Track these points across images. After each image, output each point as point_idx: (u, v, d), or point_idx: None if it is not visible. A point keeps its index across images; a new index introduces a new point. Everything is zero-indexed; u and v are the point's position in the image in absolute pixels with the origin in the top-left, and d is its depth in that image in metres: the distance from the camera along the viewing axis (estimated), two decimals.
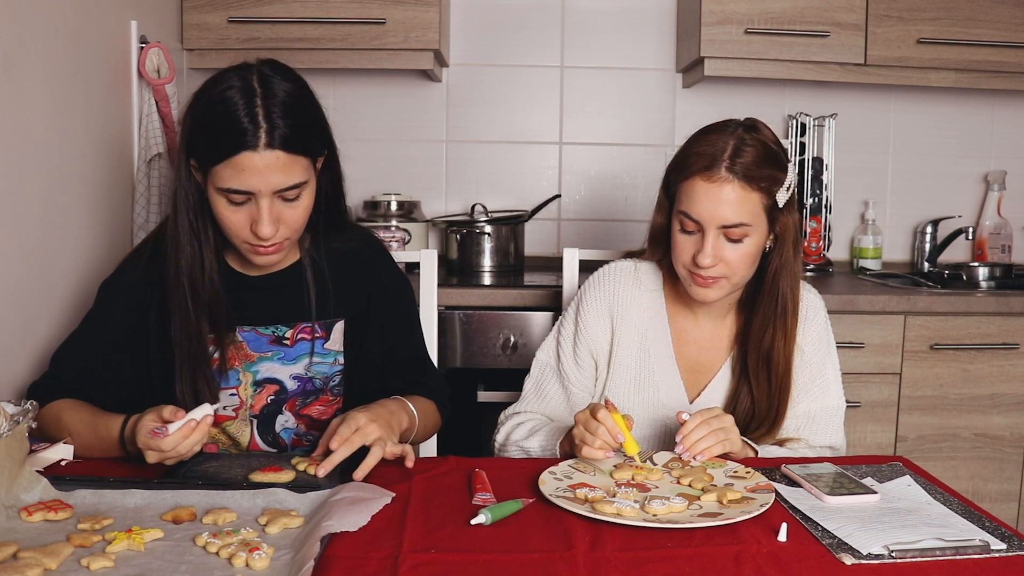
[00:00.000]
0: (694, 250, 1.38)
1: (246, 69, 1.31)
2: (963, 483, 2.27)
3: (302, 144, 1.29)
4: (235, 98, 1.26)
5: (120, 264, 1.48)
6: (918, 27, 2.40)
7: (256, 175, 1.26)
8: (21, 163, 1.55)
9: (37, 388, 1.38)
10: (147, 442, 1.18)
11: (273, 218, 1.29)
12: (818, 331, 1.50)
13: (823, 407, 1.49)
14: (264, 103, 1.26)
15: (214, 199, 1.30)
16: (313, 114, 1.34)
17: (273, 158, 1.26)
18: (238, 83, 1.28)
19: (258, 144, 1.25)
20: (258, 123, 1.25)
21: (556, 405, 1.55)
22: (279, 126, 1.26)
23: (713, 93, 2.75)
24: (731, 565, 0.97)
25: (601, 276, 1.55)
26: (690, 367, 1.51)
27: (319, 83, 2.67)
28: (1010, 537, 1.03)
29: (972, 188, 2.85)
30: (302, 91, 1.34)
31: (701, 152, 1.37)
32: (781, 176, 1.38)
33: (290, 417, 1.47)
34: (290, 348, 1.45)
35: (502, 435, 1.53)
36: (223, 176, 1.27)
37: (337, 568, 0.94)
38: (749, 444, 1.39)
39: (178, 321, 1.37)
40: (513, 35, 2.74)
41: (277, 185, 1.28)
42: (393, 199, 2.52)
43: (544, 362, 1.58)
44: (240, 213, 1.30)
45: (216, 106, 1.27)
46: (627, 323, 1.51)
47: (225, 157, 1.25)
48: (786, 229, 1.42)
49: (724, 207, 1.34)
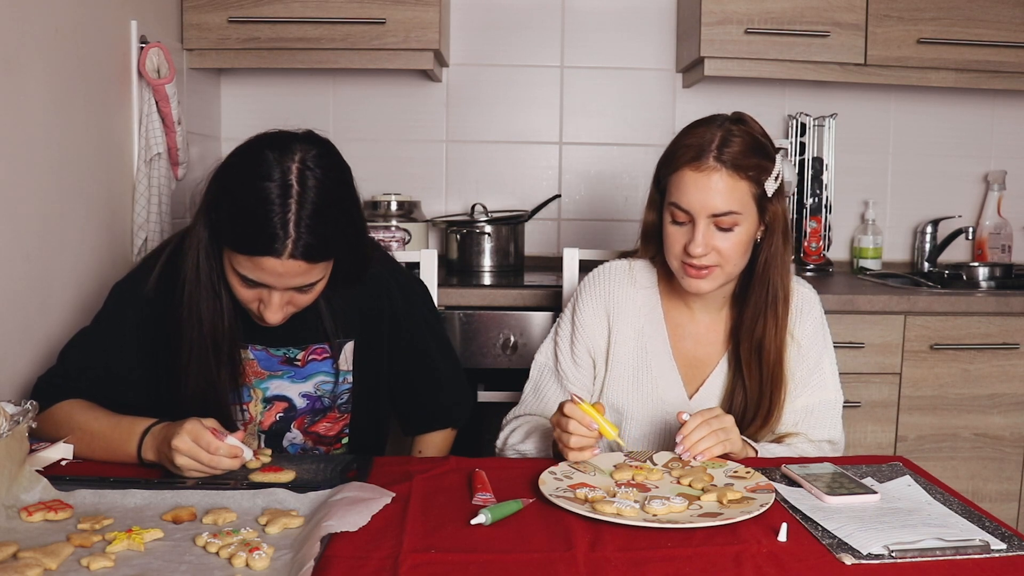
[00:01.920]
0: (685, 240, 1.39)
1: (287, 153, 1.25)
2: (963, 483, 2.27)
3: (326, 253, 1.27)
4: (271, 196, 1.21)
5: (133, 269, 1.47)
6: (918, 27, 2.40)
7: (275, 277, 1.25)
8: (21, 163, 1.55)
9: (44, 385, 1.38)
10: (187, 445, 1.16)
11: (282, 305, 1.29)
12: (814, 325, 1.51)
13: (821, 401, 1.50)
14: (297, 209, 1.22)
15: (228, 268, 1.29)
16: (345, 218, 1.29)
17: (294, 266, 1.24)
18: (277, 176, 1.22)
19: (283, 253, 1.22)
20: (287, 232, 1.21)
21: (555, 406, 1.54)
22: (304, 236, 1.22)
23: (713, 93, 2.74)
24: (731, 565, 0.97)
25: (596, 276, 1.56)
26: (687, 362, 1.52)
27: (319, 83, 2.73)
28: (1010, 537, 1.03)
29: (972, 188, 2.85)
30: (339, 190, 1.29)
31: (689, 144, 1.39)
32: (769, 165, 1.40)
33: (298, 434, 1.48)
34: (300, 368, 1.46)
35: (500, 439, 1.55)
36: (242, 264, 1.25)
37: (337, 568, 0.94)
38: (749, 443, 1.39)
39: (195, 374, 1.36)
40: (513, 35, 2.74)
41: (293, 285, 1.27)
42: (393, 199, 2.52)
43: (542, 364, 1.59)
44: (251, 291, 1.29)
45: (249, 196, 1.23)
46: (623, 321, 1.52)
47: (247, 253, 1.23)
48: (775, 219, 1.43)
49: (713, 196, 1.36)
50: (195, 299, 1.33)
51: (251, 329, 1.41)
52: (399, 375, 1.54)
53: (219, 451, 1.17)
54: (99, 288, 1.79)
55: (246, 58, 2.38)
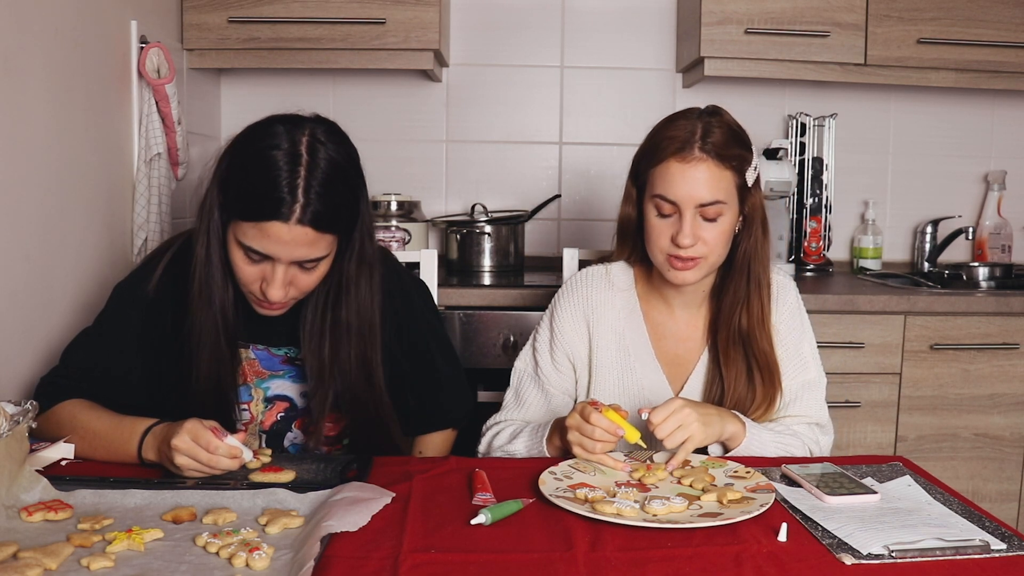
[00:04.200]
0: (671, 232, 1.39)
1: (298, 128, 1.27)
2: (963, 483, 2.27)
3: (333, 224, 1.27)
4: (279, 162, 1.23)
5: (135, 270, 1.47)
6: (918, 27, 2.40)
7: (280, 245, 1.25)
8: (21, 163, 1.55)
9: (46, 385, 1.38)
10: (186, 444, 1.16)
11: (285, 283, 1.29)
12: (790, 310, 1.52)
13: (803, 382, 1.50)
14: (307, 175, 1.23)
15: (232, 246, 1.29)
16: (352, 195, 1.31)
17: (301, 233, 1.24)
18: (286, 144, 1.24)
19: (291, 217, 1.22)
20: (296, 196, 1.22)
21: (536, 411, 1.55)
22: (314, 203, 1.23)
23: (713, 93, 2.74)
24: (731, 565, 0.97)
25: (573, 283, 1.57)
26: (670, 360, 1.52)
27: (319, 83, 2.73)
28: (1010, 537, 1.03)
29: (972, 188, 2.86)
30: (347, 166, 1.30)
31: (673, 136, 1.40)
32: (749, 156, 1.42)
33: (299, 434, 1.48)
34: (301, 367, 1.45)
35: (484, 444, 1.53)
36: (248, 234, 1.25)
37: (337, 568, 0.94)
38: (739, 417, 1.37)
39: (206, 361, 1.36)
40: (513, 35, 2.74)
41: (298, 257, 1.27)
42: (393, 199, 2.52)
43: (522, 370, 1.58)
44: (254, 268, 1.29)
45: (259, 164, 1.24)
46: (603, 325, 1.52)
47: (255, 219, 1.24)
48: (754, 209, 1.44)
49: (700, 186, 1.37)
50: (206, 279, 1.33)
51: (253, 328, 1.41)
52: (400, 377, 1.54)
53: (218, 451, 1.17)
54: (99, 288, 1.79)
55: (246, 58, 2.38)
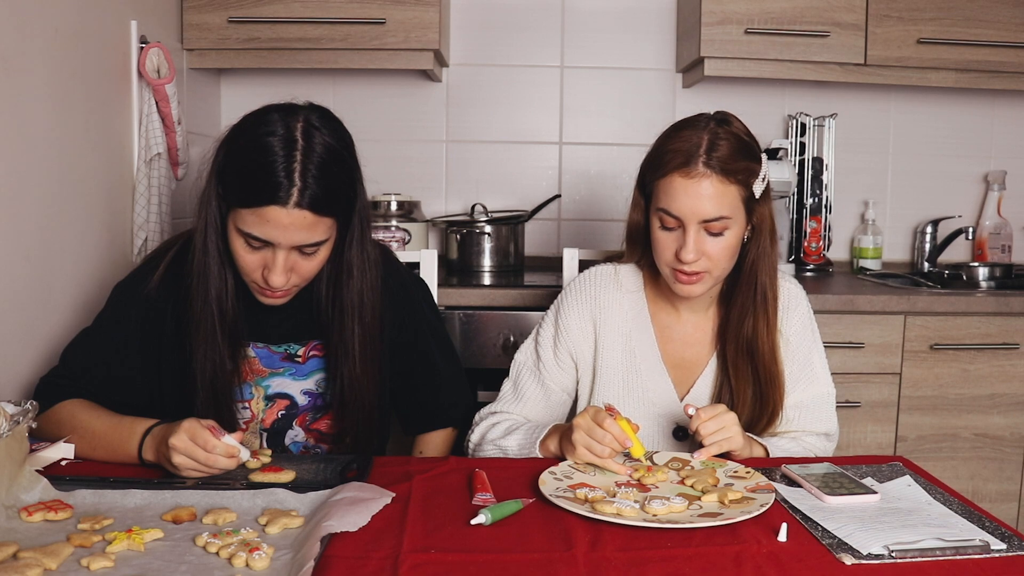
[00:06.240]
0: (676, 246, 1.38)
1: (292, 115, 1.29)
2: (963, 483, 2.27)
3: (330, 207, 1.28)
4: (275, 147, 1.25)
5: (135, 270, 1.47)
6: (918, 27, 2.40)
7: (280, 229, 1.25)
8: (21, 163, 1.55)
9: (47, 385, 1.38)
10: (184, 443, 1.17)
11: (286, 268, 1.29)
12: (802, 320, 1.51)
13: (814, 396, 1.50)
14: (303, 159, 1.25)
15: (232, 235, 1.30)
16: (348, 179, 1.32)
17: (300, 216, 1.25)
18: (282, 131, 1.26)
19: (288, 201, 1.24)
20: (293, 180, 1.24)
21: (534, 406, 1.54)
22: (311, 186, 1.24)
23: (713, 93, 2.75)
24: (731, 565, 0.97)
25: (582, 281, 1.55)
26: (676, 364, 1.52)
27: (319, 83, 2.72)
28: (1010, 537, 1.03)
29: (972, 188, 2.86)
30: (343, 150, 1.31)
31: (677, 149, 1.37)
32: (756, 167, 1.39)
33: (300, 431, 1.48)
34: (301, 365, 1.46)
35: (477, 434, 1.50)
36: (247, 220, 1.26)
37: (337, 568, 0.94)
38: (757, 441, 1.39)
39: (202, 352, 1.36)
40: (513, 35, 2.74)
41: (298, 242, 1.27)
42: (393, 199, 2.52)
43: (522, 363, 1.56)
44: (255, 255, 1.29)
45: (255, 150, 1.26)
46: (610, 326, 1.51)
47: (253, 205, 1.25)
48: (763, 219, 1.43)
49: (704, 202, 1.35)
50: (203, 270, 1.34)
51: (253, 326, 1.41)
52: (400, 374, 1.54)
53: (216, 449, 1.17)
54: (99, 288, 1.79)
55: (246, 58, 2.38)
